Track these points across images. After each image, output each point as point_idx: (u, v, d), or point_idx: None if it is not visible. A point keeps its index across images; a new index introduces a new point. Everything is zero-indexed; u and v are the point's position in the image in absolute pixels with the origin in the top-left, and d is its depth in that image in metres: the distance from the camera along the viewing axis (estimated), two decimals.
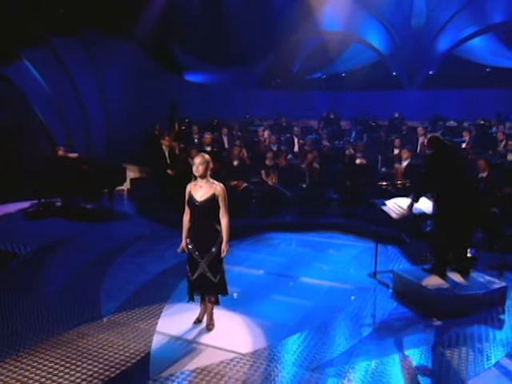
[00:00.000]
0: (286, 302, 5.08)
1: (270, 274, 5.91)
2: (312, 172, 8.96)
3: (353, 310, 4.91)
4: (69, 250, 6.73)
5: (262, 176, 8.86)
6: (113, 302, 4.97)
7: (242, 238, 7.14)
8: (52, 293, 5.20)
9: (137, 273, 5.85)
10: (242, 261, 6.23)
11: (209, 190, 4.13)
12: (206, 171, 4.13)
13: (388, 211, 5.49)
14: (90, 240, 7.23)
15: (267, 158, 8.99)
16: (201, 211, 4.12)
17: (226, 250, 4.14)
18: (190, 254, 4.22)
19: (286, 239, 7.44)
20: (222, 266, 4.22)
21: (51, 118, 10.81)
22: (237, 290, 5.10)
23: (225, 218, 4.15)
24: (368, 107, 14.33)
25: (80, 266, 6.02)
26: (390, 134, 11.87)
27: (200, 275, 4.18)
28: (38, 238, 7.19)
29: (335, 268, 6.16)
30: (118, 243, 7.03)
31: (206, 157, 4.14)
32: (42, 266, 6.05)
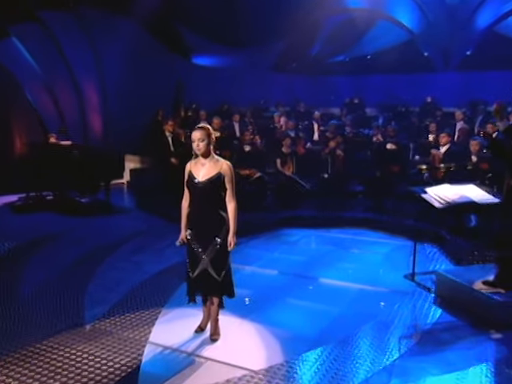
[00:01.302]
0: (306, 308, 4.64)
1: (287, 274, 5.50)
2: (335, 160, 8.48)
3: (387, 318, 4.39)
4: (56, 246, 6.45)
5: (277, 165, 8.56)
6: (100, 306, 4.54)
7: (255, 235, 6.85)
8: (29, 295, 4.80)
9: (131, 272, 5.45)
10: (254, 260, 5.90)
11: (213, 169, 3.67)
12: (209, 147, 3.67)
13: (430, 200, 4.89)
14: (81, 236, 6.93)
15: (284, 145, 8.63)
16: (203, 194, 3.65)
17: (234, 243, 3.69)
18: (190, 247, 3.76)
19: (305, 236, 7.11)
20: (227, 261, 3.76)
21: (43, 102, 10.52)
22: (247, 293, 4.76)
23: (232, 203, 3.68)
24: (396, 92, 13.71)
25: (67, 265, 5.67)
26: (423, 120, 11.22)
27: (201, 272, 3.72)
28: (23, 233, 6.94)
29: (364, 268, 5.72)
30: (112, 239, 6.71)
31: (206, 129, 3.67)
32: (23, 264, 5.69)
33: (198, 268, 3.73)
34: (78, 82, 11.11)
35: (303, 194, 8.31)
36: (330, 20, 15.01)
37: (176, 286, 4.89)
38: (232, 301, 3.95)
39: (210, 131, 3.68)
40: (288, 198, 8.10)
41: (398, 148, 8.43)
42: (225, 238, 3.68)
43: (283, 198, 8.15)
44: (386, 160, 8.23)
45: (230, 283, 3.81)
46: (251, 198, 7.84)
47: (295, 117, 11.91)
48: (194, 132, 3.66)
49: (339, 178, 8.40)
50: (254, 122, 10.95)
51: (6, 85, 9.77)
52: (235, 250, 5.68)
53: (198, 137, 3.61)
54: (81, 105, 11.24)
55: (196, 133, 3.63)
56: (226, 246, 3.68)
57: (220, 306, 3.88)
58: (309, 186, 8.22)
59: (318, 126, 10.88)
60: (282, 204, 8.05)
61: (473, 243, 5.75)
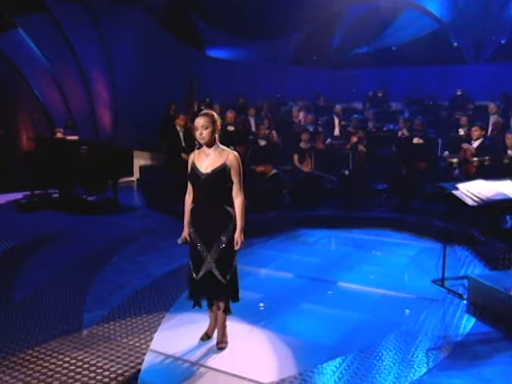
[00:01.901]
0: (323, 314, 4.41)
1: (303, 277, 5.29)
2: (356, 156, 8.23)
3: (413, 327, 4.12)
4: (59, 245, 6.37)
5: (295, 161, 8.27)
6: (99, 309, 4.38)
7: (271, 235, 6.74)
8: (25, 296, 4.67)
9: (135, 274, 5.31)
10: (269, 261, 5.76)
11: (218, 159, 3.47)
12: (213, 135, 3.47)
13: (461, 197, 4.59)
14: (85, 235, 6.88)
15: (302, 139, 8.37)
16: (207, 187, 3.44)
17: (241, 241, 3.48)
18: (194, 247, 3.57)
19: (324, 237, 6.94)
20: (233, 262, 3.55)
21: (50, 96, 10.55)
22: (259, 297, 4.62)
23: (239, 197, 3.50)
24: (423, 85, 13.33)
25: (69, 265, 5.56)
26: (453, 113, 10.84)
27: (206, 274, 3.52)
28: (26, 231, 6.91)
29: (387, 272, 5.47)
30: (118, 239, 6.62)
31: (210, 115, 3.47)
32: (22, 263, 5.59)
33: (201, 269, 3.54)
34: (86, 75, 11.14)
35: (326, 191, 8.12)
36: (352, 10, 14.81)
37: (182, 289, 4.63)
38: (242, 306, 3.74)
39: (214, 118, 3.48)
40: (306, 197, 7.87)
41: (425, 143, 8.11)
42: (231, 237, 3.47)
43: (301, 196, 7.92)
44: (412, 156, 7.92)
45: (235, 286, 3.60)
46: (267, 196, 7.67)
47: (315, 111, 11.65)
48: (197, 119, 3.46)
49: (361, 175, 8.10)
50: (271, 117, 10.71)
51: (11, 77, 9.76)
52: (249, 251, 5.56)
53: (201, 124, 3.41)
54: (90, 99, 11.28)
55: (199, 119, 3.43)
56: (232, 245, 3.48)
57: (226, 312, 3.67)
58: (335, 179, 8.03)
59: (338, 121, 10.59)
60: (300, 203, 7.84)
61: (509, 245, 5.42)
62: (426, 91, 12.88)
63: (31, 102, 10.05)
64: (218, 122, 3.50)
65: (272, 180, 7.82)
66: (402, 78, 14.24)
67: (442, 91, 12.85)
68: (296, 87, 14.27)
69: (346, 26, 15.40)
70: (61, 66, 10.62)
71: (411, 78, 14.10)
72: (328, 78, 15.04)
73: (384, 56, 15.03)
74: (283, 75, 14.59)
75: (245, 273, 4.97)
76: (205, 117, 3.44)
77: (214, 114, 3.53)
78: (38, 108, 10.18)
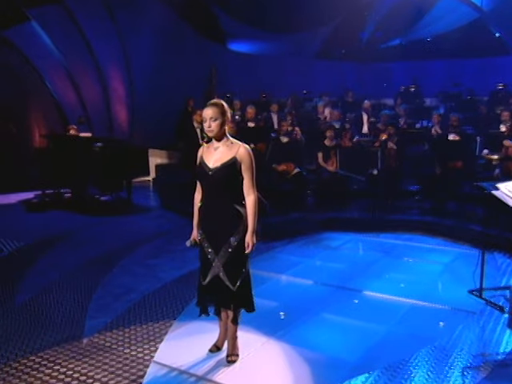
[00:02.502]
0: (346, 325, 4.20)
1: (325, 285, 5.10)
2: (386, 155, 7.98)
3: (447, 342, 3.85)
4: (68, 247, 6.36)
5: (319, 160, 8.18)
6: (103, 316, 4.25)
7: (292, 239, 6.66)
8: (27, 300, 4.58)
9: (145, 278, 5.21)
10: (289, 267, 5.60)
11: (227, 153, 3.31)
12: (223, 128, 3.31)
13: (502, 198, 4.29)
14: (96, 236, 6.87)
15: (327, 137, 8.21)
16: (215, 184, 3.29)
17: (252, 244, 3.29)
18: (202, 249, 3.43)
19: (350, 241, 6.79)
20: (244, 267, 3.37)
21: (64, 92, 10.57)
22: (276, 305, 4.47)
23: (251, 196, 3.31)
24: (460, 78, 12.89)
25: (75, 267, 5.51)
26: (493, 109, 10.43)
27: (213, 279, 3.37)
28: (35, 232, 6.94)
29: (419, 280, 5.24)
30: (130, 240, 6.57)
31: (220, 105, 3.30)
32: (28, 265, 5.56)
33: (209, 274, 3.39)
34: (102, 70, 11.14)
35: (352, 191, 8.00)
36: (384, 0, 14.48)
37: (193, 296, 4.44)
38: (257, 315, 3.56)
39: (224, 109, 3.31)
40: (331, 198, 7.75)
41: (461, 139, 7.79)
42: (241, 238, 3.29)
43: (325, 197, 7.81)
44: (447, 154, 7.64)
45: (247, 294, 3.42)
46: (289, 196, 7.61)
47: (342, 107, 11.42)
48: (205, 109, 3.31)
49: (391, 175, 7.88)
50: (295, 113, 10.53)
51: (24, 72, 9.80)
52: (268, 255, 5.49)
53: (209, 115, 3.25)
54: (105, 94, 11.28)
55: (207, 110, 3.27)
56: (242, 247, 3.29)
57: (235, 322, 3.48)
58: (364, 179, 7.87)
59: (367, 117, 10.30)
60: (324, 204, 7.74)
61: None
62: (463, 85, 12.47)
63: (44, 98, 10.09)
64: (228, 113, 3.34)
65: (294, 179, 7.72)
66: (437, 72, 13.83)
67: (481, 85, 12.40)
68: (323, 82, 14.04)
69: (377, 17, 15.07)
70: (75, 60, 10.64)
71: (447, 71, 13.67)
72: (357, 72, 14.73)
73: (418, 48, 14.60)
74: (309, 70, 14.37)
75: (262, 279, 5.00)
76: (213, 107, 3.28)
77: (224, 104, 3.37)
78: (52, 104, 10.22)
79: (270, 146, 7.79)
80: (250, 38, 13.71)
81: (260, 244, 6.13)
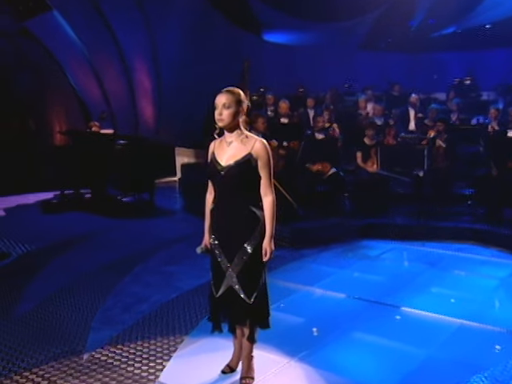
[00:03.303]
0: (381, 347, 3.96)
1: (359, 300, 4.88)
2: (434, 154, 7.71)
3: (502, 371, 3.53)
4: (81, 250, 6.40)
5: (358, 159, 7.89)
6: (108, 328, 4.14)
7: (325, 246, 6.48)
8: (29, 308, 4.53)
9: (159, 287, 5.10)
10: (319, 278, 5.40)
11: (241, 149, 3.15)
12: (236, 118, 3.15)
13: None
14: (112, 240, 6.90)
15: (367, 134, 7.98)
16: (228, 184, 3.14)
17: (270, 251, 3.15)
18: (214, 257, 3.28)
19: (391, 250, 6.57)
20: (260, 277, 3.20)
21: (86, 85, 10.70)
22: (302, 321, 4.32)
23: (269, 196, 3.17)
24: None
25: (85, 274, 5.49)
26: None
27: (226, 291, 3.21)
28: (49, 234, 7.04)
29: (469, 297, 4.97)
30: (148, 245, 6.55)
31: (235, 93, 3.17)
32: (36, 269, 5.57)
33: (222, 285, 3.23)
34: (127, 62, 11.20)
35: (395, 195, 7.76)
36: None
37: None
38: (278, 332, 3.46)
39: (240, 97, 3.17)
40: (371, 201, 7.50)
41: None
42: (258, 245, 3.13)
43: (364, 200, 7.56)
44: (505, 153, 7.27)
45: (263, 308, 3.24)
46: (323, 199, 7.47)
47: (387, 102, 11.10)
48: (218, 96, 3.18)
49: (439, 177, 7.57)
50: (334, 108, 10.28)
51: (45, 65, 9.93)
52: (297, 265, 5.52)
53: (221, 102, 3.11)
54: (130, 89, 11.35)
55: (221, 96, 3.14)
56: (259, 255, 3.13)
57: (251, 340, 3.29)
58: (409, 180, 7.64)
59: (414, 113, 9.92)
60: (363, 208, 7.50)
61: None
62: None
63: (66, 92, 10.25)
64: (245, 104, 3.20)
65: (330, 181, 7.52)
66: (496, 62, 13.34)
67: None
68: (366, 75, 13.73)
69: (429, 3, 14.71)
70: (99, 52, 10.74)
71: (507, 61, 13.16)
72: (405, 63, 14.43)
73: (475, 37, 14.14)
74: (351, 62, 14.15)
75: (288, 291, 4.88)
76: (228, 94, 3.14)
77: (241, 93, 3.23)
78: (73, 99, 10.35)
79: (303, 144, 7.58)
80: (286, 27, 13.52)
81: (288, 252, 6.20)
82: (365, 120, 9.31)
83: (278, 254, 5.75)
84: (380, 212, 7.38)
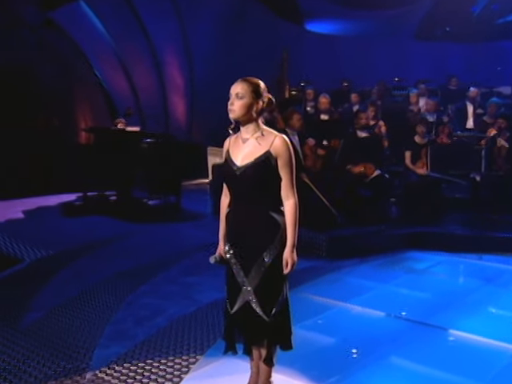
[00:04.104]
0: (423, 375, 3.74)
1: (401, 319, 4.71)
2: (495, 154, 7.39)
3: None
4: (98, 257, 6.39)
5: (406, 160, 7.76)
6: (117, 344, 4.03)
7: (365, 257, 6.39)
8: (37, 318, 4.48)
9: (177, 299, 5.00)
10: (357, 293, 5.27)
11: (259, 146, 3.01)
12: (250, 111, 3.00)
13: None
14: (133, 246, 6.90)
15: (417, 132, 7.87)
16: (245, 186, 3.02)
17: (292, 262, 3.00)
18: (229, 269, 3.16)
19: (441, 263, 6.45)
20: (281, 291, 3.06)
21: (114, 80, 10.80)
22: (333, 342, 4.18)
23: (290, 200, 3.02)
24: None
25: (99, 282, 5.43)
26: None
27: (242, 307, 3.07)
28: (68, 239, 7.05)
29: None
30: (169, 252, 6.54)
31: (252, 83, 3.02)
32: (50, 276, 5.55)
33: (237, 300, 3.08)
34: (158, 55, 11.32)
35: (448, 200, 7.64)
36: None
37: None
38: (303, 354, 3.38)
39: (258, 88, 3.01)
40: (420, 207, 7.35)
41: None
42: (278, 255, 2.98)
43: (413, 206, 7.42)
44: None
45: (284, 327, 3.09)
46: (366, 205, 7.29)
47: (442, 96, 10.85)
48: (233, 85, 3.03)
49: (499, 181, 7.37)
50: (381, 104, 10.06)
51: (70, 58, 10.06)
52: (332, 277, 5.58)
53: (236, 91, 2.97)
54: (161, 84, 11.46)
55: (236, 85, 3.00)
56: (279, 267, 2.99)
57: (269, 363, 3.12)
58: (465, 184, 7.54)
59: (473, 109, 9.61)
60: (411, 215, 7.35)
61: None
62: None
63: (92, 87, 10.37)
64: (265, 98, 3.03)
65: (373, 184, 7.33)
66: None
67: None
68: (420, 67, 13.73)
69: None
70: (128, 44, 10.88)
71: None
72: (464, 54, 14.28)
73: None
74: (403, 53, 14.12)
75: (320, 307, 4.80)
76: (243, 83, 2.99)
77: (261, 84, 3.06)
78: (100, 94, 10.46)
79: (343, 142, 7.41)
80: (331, 16, 13.59)
81: (323, 263, 6.04)
82: (415, 117, 9.06)
83: (311, 264, 5.92)
84: (430, 219, 7.22)
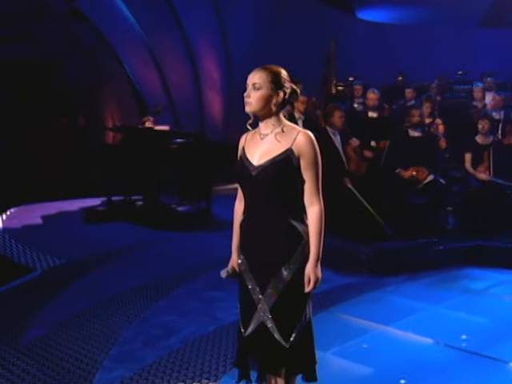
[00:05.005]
0: None
1: (453, 348, 4.42)
2: None
3: None
4: (116, 267, 6.46)
5: (466, 163, 7.48)
6: (122, 367, 3.91)
7: (414, 273, 6.15)
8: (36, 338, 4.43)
9: (195, 317, 4.91)
10: (401, 315, 5.04)
11: (279, 144, 2.85)
12: (268, 104, 2.86)
13: None
14: (156, 255, 6.98)
15: (480, 131, 7.64)
16: (261, 189, 2.86)
17: (316, 279, 2.80)
18: (243, 284, 2.99)
19: (504, 282, 6.11)
20: (302, 313, 2.86)
21: (144, 75, 10.87)
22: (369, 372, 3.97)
23: (315, 206, 2.85)
24: None
25: (113, 295, 5.44)
26: None
27: (257, 329, 2.90)
28: (86, 247, 7.18)
29: None
30: (194, 263, 6.51)
31: (273, 71, 2.86)
32: (56, 289, 5.59)
33: (252, 321, 2.91)
34: (192, 47, 11.36)
35: None
36: None
37: None
38: None
39: (279, 77, 2.85)
40: (481, 217, 7.10)
41: None
42: (299, 270, 2.80)
43: (473, 216, 7.15)
44: None
45: (305, 354, 2.89)
46: (418, 214, 7.00)
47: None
48: (250, 74, 2.89)
49: None
50: (440, 100, 9.92)
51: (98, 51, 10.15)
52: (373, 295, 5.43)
53: (253, 80, 2.83)
54: (196, 79, 11.51)
55: (253, 75, 2.86)
56: (300, 284, 2.80)
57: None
58: None
59: None
60: (471, 226, 7.07)
61: None
62: None
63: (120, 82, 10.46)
64: (286, 88, 2.86)
65: (427, 190, 7.06)
66: None
67: None
68: (487, 59, 13.36)
69: None
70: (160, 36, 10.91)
71: None
72: None
73: None
74: (469, 43, 13.79)
75: (357, 330, 4.60)
76: (262, 72, 2.84)
77: (283, 72, 2.90)
78: (129, 89, 10.53)
79: (389, 143, 7.14)
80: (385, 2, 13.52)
81: (366, 279, 5.87)
82: (479, 114, 8.73)
83: (350, 281, 5.72)
84: (492, 232, 6.89)
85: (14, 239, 7.27)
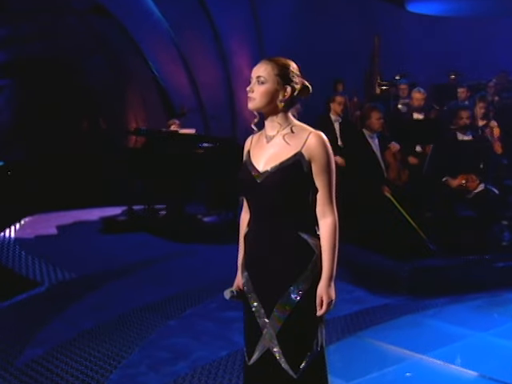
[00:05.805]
0: None
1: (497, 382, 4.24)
2: None
3: None
4: (129, 283, 6.46)
5: None
6: None
7: (459, 295, 5.98)
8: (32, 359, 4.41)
9: (208, 339, 4.84)
10: (441, 343, 4.88)
11: (288, 146, 2.75)
12: (273, 100, 2.75)
13: None
14: (174, 270, 6.99)
15: None
16: (267, 197, 2.78)
17: (328, 300, 2.71)
18: (247, 306, 2.90)
19: None
20: (313, 340, 2.76)
21: (172, 75, 10.90)
22: None
23: (328, 218, 2.75)
24: None
25: (121, 314, 5.39)
26: None
27: (263, 357, 2.80)
28: (99, 260, 7.28)
29: None
30: (214, 278, 6.31)
31: (279, 63, 2.77)
32: (62, 305, 5.59)
33: (257, 348, 2.82)
34: (224, 45, 11.41)
35: None
36: None
37: None
38: None
39: (287, 70, 2.75)
40: None
41: None
42: (310, 290, 2.71)
43: None
44: None
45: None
46: (467, 227, 6.86)
47: None
48: (255, 66, 2.83)
49: None
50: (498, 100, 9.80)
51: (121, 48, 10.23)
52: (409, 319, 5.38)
53: (257, 73, 2.75)
54: (227, 79, 11.54)
55: (257, 68, 2.78)
56: (310, 306, 2.71)
57: None
58: None
59: None
60: None
61: None
62: None
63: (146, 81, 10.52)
64: (295, 83, 2.76)
65: (478, 201, 6.87)
66: None
67: None
68: None
69: None
70: (189, 33, 10.97)
71: None
72: None
73: None
74: None
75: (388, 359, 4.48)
76: (267, 64, 2.75)
77: (292, 65, 2.80)
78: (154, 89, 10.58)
79: (433, 148, 6.95)
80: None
81: (403, 301, 5.72)
82: None
83: (385, 302, 5.57)
84: None
85: (24, 251, 7.38)
